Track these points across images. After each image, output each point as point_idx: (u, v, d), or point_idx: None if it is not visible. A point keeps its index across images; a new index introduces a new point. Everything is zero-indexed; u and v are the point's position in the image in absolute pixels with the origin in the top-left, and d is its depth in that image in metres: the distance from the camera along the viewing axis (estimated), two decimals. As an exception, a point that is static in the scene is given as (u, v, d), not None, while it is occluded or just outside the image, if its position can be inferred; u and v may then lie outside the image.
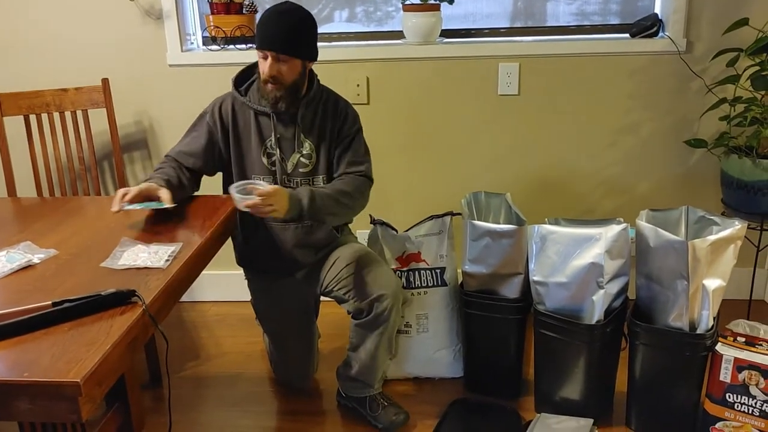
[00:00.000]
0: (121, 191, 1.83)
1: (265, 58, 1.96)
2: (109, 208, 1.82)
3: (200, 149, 2.09)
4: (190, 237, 1.74)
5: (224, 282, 3.00)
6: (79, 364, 1.16)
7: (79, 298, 1.35)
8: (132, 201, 1.83)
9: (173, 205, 1.86)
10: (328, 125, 2.09)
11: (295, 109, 2.03)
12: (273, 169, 2.07)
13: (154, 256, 1.60)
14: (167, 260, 1.58)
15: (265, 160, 2.07)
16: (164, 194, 1.86)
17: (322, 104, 2.09)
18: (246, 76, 2.12)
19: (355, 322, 2.07)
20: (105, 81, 2.63)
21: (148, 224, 1.84)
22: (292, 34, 1.95)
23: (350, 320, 2.09)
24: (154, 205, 1.84)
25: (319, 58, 2.65)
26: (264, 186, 1.83)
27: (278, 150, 2.05)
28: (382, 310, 2.00)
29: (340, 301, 2.11)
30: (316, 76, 2.12)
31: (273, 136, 2.04)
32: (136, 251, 1.63)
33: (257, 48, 1.98)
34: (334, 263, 2.13)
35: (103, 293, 1.37)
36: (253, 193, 1.79)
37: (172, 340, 2.75)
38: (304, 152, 2.06)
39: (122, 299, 1.38)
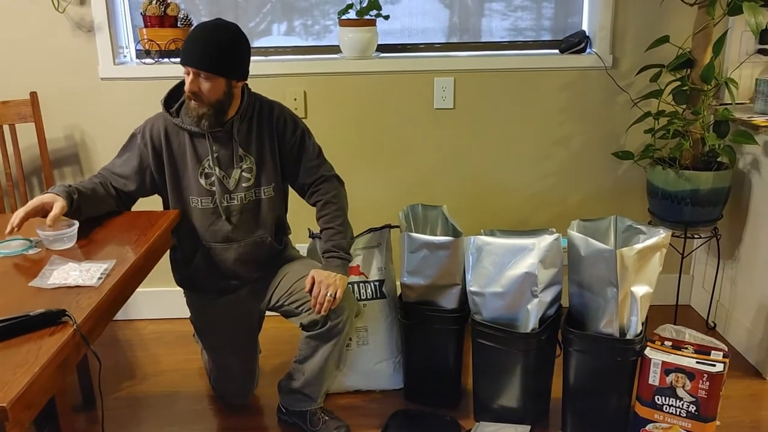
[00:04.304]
0: (15, 218, 1.75)
1: (188, 74, 1.92)
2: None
3: (131, 172, 2.04)
4: (124, 254, 1.71)
5: (160, 299, 2.94)
6: (6, 387, 1.12)
7: (6, 318, 1.31)
8: (21, 225, 1.76)
9: (38, 250, 1.75)
10: (266, 135, 2.06)
11: (229, 126, 2.01)
12: (212, 189, 2.03)
13: (85, 274, 1.57)
14: (100, 278, 1.55)
15: (203, 181, 2.03)
16: (58, 207, 1.78)
17: (257, 114, 2.06)
18: (177, 96, 2.07)
19: (306, 334, 2.05)
20: (33, 94, 2.56)
21: (79, 241, 1.79)
22: (215, 52, 1.89)
23: (301, 333, 2.08)
24: (19, 251, 1.74)
25: (256, 72, 2.64)
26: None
27: (217, 169, 2.02)
28: (337, 322, 2.00)
29: (291, 315, 2.10)
30: (248, 86, 2.08)
31: (211, 156, 2.01)
32: (67, 269, 1.59)
33: (181, 63, 1.93)
34: (283, 278, 2.12)
35: (31, 313, 1.33)
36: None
37: (107, 360, 2.68)
38: (245, 166, 2.04)
39: (52, 319, 1.35)
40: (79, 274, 1.56)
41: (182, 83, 2.05)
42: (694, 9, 2.46)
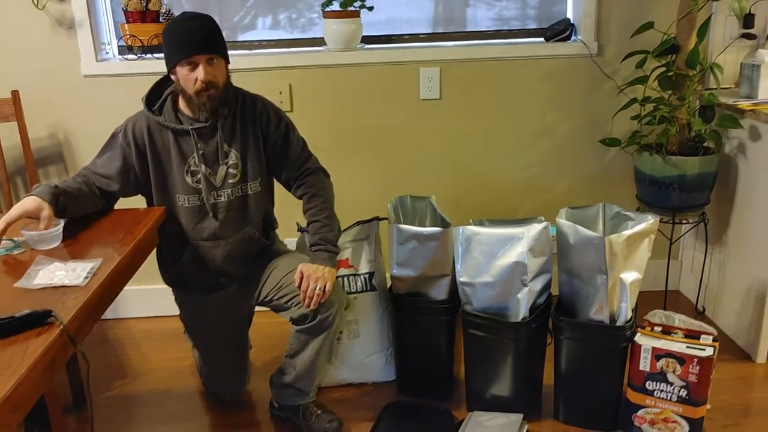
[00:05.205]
0: None
1: (194, 67, 1.89)
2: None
3: (115, 172, 2.00)
4: (110, 252, 1.69)
5: (150, 297, 2.92)
6: (-8, 390, 1.11)
7: (-9, 321, 1.29)
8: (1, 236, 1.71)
9: (22, 250, 1.73)
10: (250, 130, 2.04)
11: (214, 122, 1.99)
12: (198, 187, 2.01)
13: (72, 273, 1.55)
14: (86, 277, 1.53)
15: (189, 179, 2.01)
16: (45, 218, 1.74)
17: (240, 108, 2.04)
18: (158, 94, 2.04)
19: (296, 328, 2.04)
20: (15, 93, 2.53)
21: (65, 240, 1.77)
22: (214, 35, 1.92)
23: (291, 327, 2.07)
24: (3, 252, 1.72)
25: (241, 66, 2.63)
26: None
27: (203, 166, 2.00)
28: (327, 315, 1.99)
29: (280, 309, 2.09)
30: (230, 80, 2.05)
31: (196, 153, 1.99)
32: (52, 269, 1.57)
33: (182, 59, 1.89)
34: (272, 273, 2.11)
35: (17, 315, 1.31)
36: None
37: (98, 359, 2.66)
38: (230, 162, 2.03)
39: (38, 320, 1.33)
40: (65, 274, 1.55)
41: (163, 81, 2.03)
42: (678, -6, 2.46)
